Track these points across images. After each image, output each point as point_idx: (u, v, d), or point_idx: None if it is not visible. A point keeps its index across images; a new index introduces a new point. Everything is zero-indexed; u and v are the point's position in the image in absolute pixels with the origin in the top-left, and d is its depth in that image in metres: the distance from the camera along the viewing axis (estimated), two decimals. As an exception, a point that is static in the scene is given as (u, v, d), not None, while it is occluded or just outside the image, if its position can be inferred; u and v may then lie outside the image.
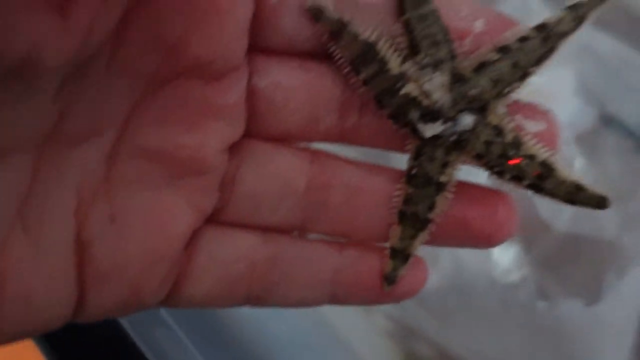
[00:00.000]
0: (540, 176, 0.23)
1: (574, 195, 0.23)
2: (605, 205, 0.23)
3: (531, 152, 0.23)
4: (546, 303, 0.40)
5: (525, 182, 0.24)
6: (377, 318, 0.44)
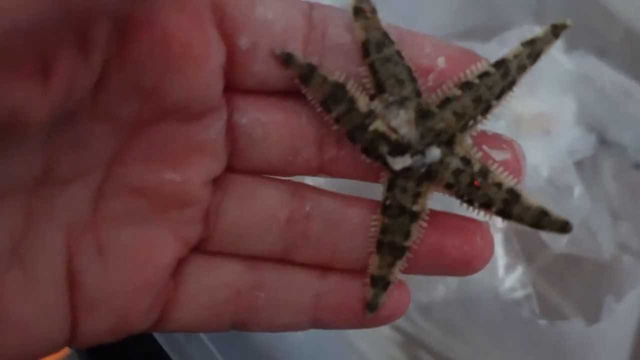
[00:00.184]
0: (507, 202, 0.24)
1: (539, 220, 0.24)
2: (568, 230, 0.24)
3: (498, 180, 0.24)
4: (548, 321, 0.41)
5: (494, 209, 0.25)
6: (383, 328, 0.45)
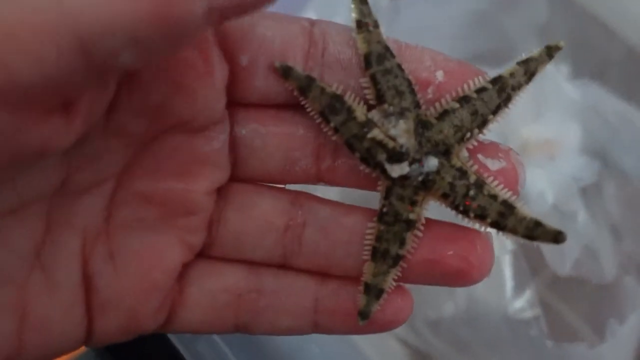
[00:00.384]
0: (502, 214, 0.25)
1: (533, 231, 0.25)
2: (561, 240, 0.25)
3: (493, 192, 0.25)
4: (554, 342, 0.41)
5: (489, 220, 0.25)
6: (393, 342, 0.46)
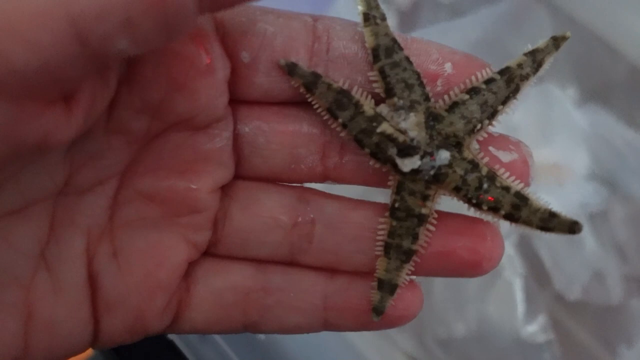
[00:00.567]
0: (515, 206, 0.25)
1: (548, 222, 0.24)
2: (578, 230, 0.24)
3: (506, 184, 0.25)
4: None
5: (502, 212, 0.25)
6: (400, 357, 0.44)
